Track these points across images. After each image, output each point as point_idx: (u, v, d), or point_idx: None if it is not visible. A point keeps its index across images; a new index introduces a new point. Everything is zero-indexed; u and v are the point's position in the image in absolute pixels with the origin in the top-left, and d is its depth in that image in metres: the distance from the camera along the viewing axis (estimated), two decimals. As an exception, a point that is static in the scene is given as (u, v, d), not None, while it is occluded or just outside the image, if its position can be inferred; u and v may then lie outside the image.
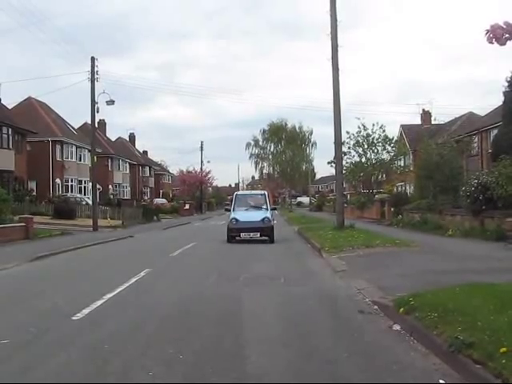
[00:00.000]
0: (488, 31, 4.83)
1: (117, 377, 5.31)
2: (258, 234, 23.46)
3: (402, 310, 7.60)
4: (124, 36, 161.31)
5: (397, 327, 7.30)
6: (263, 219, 23.88)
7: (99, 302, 9.31)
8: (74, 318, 8.13)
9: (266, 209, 25.27)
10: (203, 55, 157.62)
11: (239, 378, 5.27)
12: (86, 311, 8.56)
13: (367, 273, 12.07)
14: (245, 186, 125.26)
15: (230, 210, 25.95)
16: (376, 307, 8.61)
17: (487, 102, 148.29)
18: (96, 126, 42.16)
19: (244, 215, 24.26)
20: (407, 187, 50.63)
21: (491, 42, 4.82)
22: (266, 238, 23.62)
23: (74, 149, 55.04)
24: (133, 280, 12.02)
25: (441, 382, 5.12)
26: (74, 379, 5.27)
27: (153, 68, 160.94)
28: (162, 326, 7.67)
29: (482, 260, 13.89)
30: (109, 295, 10.00)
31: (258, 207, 25.53)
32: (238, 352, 6.18)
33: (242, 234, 23.44)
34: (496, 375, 4.69)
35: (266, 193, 28.07)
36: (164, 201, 76.20)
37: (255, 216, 24.16)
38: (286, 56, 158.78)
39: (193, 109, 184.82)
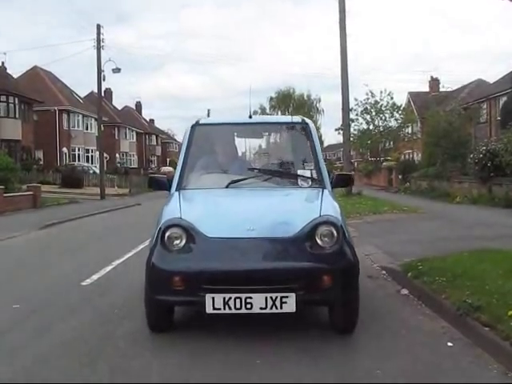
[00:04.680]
0: None
1: (127, 340, 5.36)
2: (292, 298, 4.90)
3: (410, 274, 7.60)
4: (127, 5, 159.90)
5: (405, 291, 7.31)
6: (315, 227, 5.21)
7: (108, 268, 9.39)
8: (83, 283, 8.19)
9: (319, 181, 6.48)
10: (208, 24, 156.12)
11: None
12: (95, 277, 8.63)
13: (375, 239, 12.07)
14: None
15: (168, 189, 6.52)
16: (384, 272, 8.62)
17: (496, 69, 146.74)
18: (102, 94, 42.04)
19: (225, 212, 5.69)
20: (415, 155, 50.44)
21: None
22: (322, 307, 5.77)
23: (80, 118, 55.01)
24: (141, 247, 12.02)
25: (449, 344, 5.14)
26: (85, 343, 5.32)
27: (158, 37, 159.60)
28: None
29: (490, 226, 13.83)
30: (117, 261, 10.08)
31: (282, 173, 6.69)
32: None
33: (214, 299, 4.93)
34: (504, 337, 4.70)
35: (311, 124, 7.11)
36: (171, 169, 75.64)
37: (276, 214, 5.57)
38: (293, 23, 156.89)
39: (199, 77, 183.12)
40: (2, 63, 45.18)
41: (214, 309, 4.95)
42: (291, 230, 5.20)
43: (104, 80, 36.86)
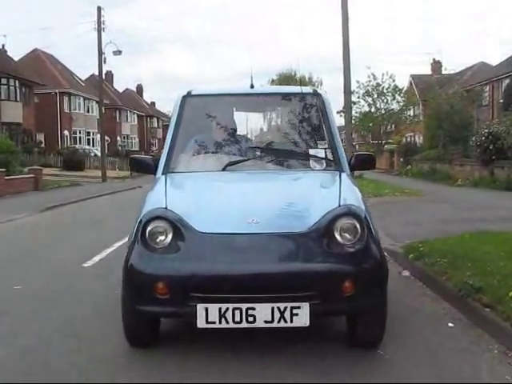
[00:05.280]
0: None
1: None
2: (305, 309, 3.90)
3: (411, 256, 7.60)
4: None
5: (406, 273, 7.33)
6: (334, 220, 4.17)
7: (109, 250, 9.41)
8: (84, 265, 8.24)
9: (336, 162, 5.30)
10: (207, 4, 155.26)
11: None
12: (96, 258, 8.68)
13: (376, 221, 11.97)
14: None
15: (153, 172, 5.42)
16: (385, 254, 8.61)
17: (499, 52, 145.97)
18: (103, 77, 41.88)
19: (221, 201, 4.62)
20: (416, 137, 50.34)
21: None
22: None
23: (81, 100, 54.88)
24: (142, 229, 12.07)
25: (450, 325, 5.15)
26: (87, 326, 5.33)
27: (159, 19, 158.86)
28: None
29: (491, 209, 13.82)
30: (118, 243, 10.03)
31: (291, 153, 5.54)
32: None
33: (207, 310, 3.93)
34: (505, 318, 4.70)
35: (325, 95, 5.82)
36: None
37: (284, 203, 4.51)
38: (294, 4, 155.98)
39: (200, 60, 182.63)
40: (3, 46, 44.96)
41: (208, 322, 3.94)
42: (303, 223, 4.18)
43: (105, 62, 36.86)
